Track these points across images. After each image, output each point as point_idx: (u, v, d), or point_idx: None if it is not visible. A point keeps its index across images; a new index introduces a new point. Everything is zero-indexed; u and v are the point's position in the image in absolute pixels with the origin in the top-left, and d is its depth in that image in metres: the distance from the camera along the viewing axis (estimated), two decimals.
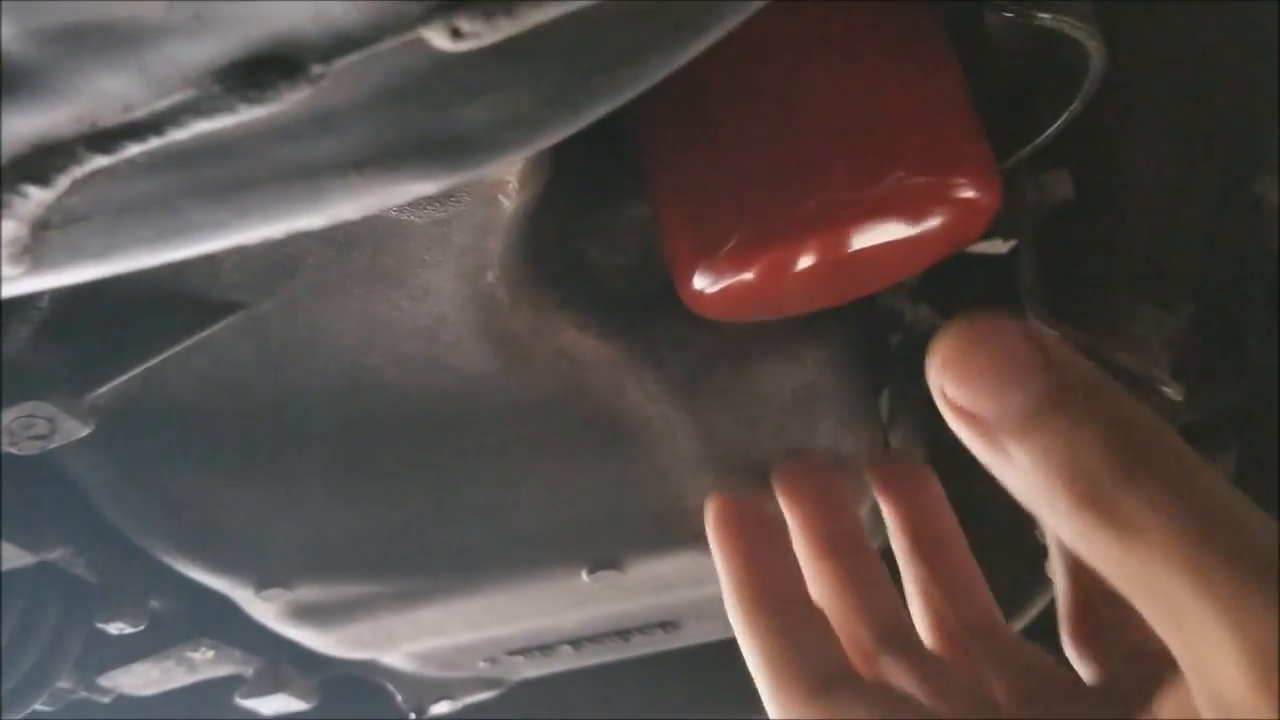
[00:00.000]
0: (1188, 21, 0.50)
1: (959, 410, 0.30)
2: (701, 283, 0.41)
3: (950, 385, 0.30)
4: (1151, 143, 0.52)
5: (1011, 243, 0.54)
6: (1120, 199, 0.52)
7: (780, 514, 0.45)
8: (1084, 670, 0.40)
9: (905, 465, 0.46)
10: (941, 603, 0.43)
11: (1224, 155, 0.52)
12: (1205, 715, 0.29)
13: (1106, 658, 0.39)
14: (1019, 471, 0.29)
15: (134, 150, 0.23)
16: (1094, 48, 0.38)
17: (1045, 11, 0.37)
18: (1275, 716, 0.27)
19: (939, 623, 0.43)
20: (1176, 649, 0.29)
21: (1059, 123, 0.43)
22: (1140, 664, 0.33)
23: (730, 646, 0.75)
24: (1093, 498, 0.28)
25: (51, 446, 0.42)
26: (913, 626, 0.42)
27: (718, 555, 0.42)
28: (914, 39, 0.39)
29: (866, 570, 0.43)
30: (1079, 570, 0.40)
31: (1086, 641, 0.40)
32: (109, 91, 0.22)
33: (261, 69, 0.21)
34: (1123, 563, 0.28)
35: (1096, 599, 0.40)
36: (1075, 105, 0.42)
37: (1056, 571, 0.41)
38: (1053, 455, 0.28)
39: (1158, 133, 0.52)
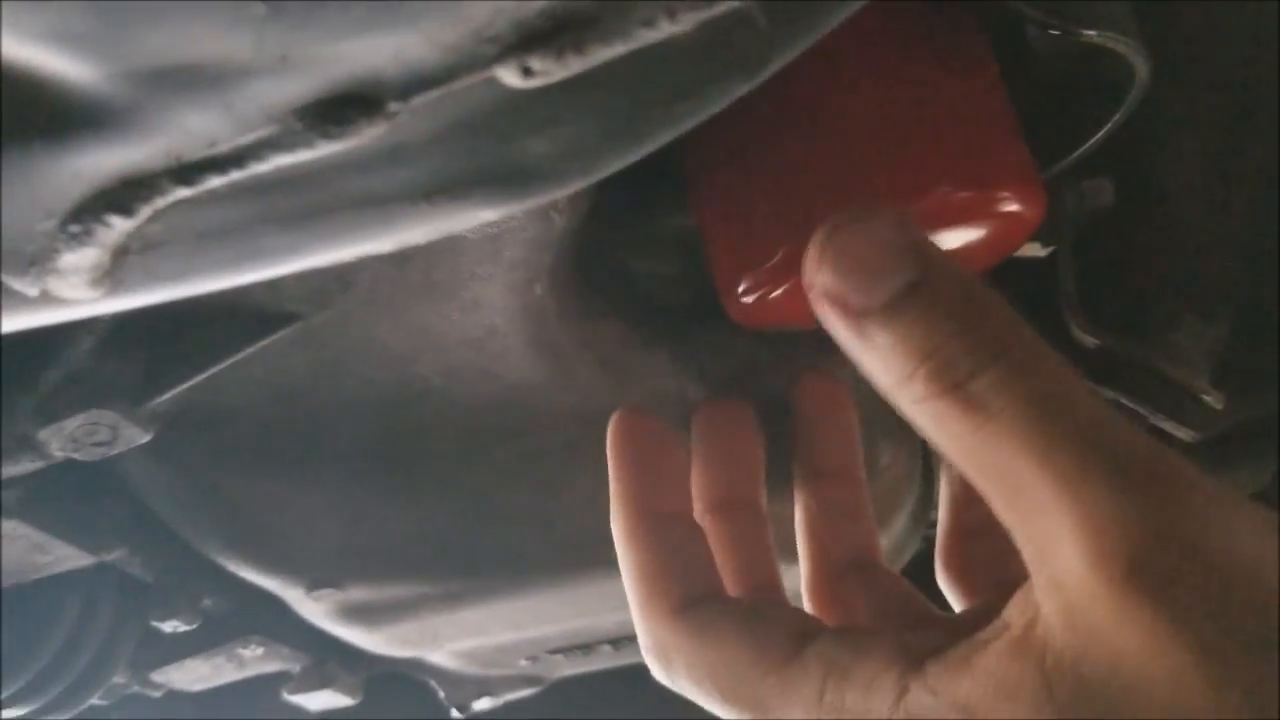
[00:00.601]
0: (1227, 27, 0.50)
1: (829, 297, 0.31)
2: (746, 294, 0.41)
3: (824, 274, 0.31)
4: (1191, 150, 0.52)
5: (1050, 248, 0.54)
6: (1161, 207, 0.52)
7: (683, 440, 0.44)
8: (955, 602, 0.41)
9: (829, 387, 0.45)
10: (824, 532, 0.43)
11: (1263, 162, 0.52)
12: (1044, 603, 0.30)
13: (975, 590, 0.40)
14: (879, 353, 0.31)
15: (215, 182, 0.24)
16: (1139, 62, 0.38)
17: (1090, 28, 0.37)
18: (1110, 595, 0.28)
19: (817, 551, 0.43)
20: (1018, 533, 0.30)
21: (1102, 133, 0.43)
22: (1006, 596, 0.34)
23: None
24: (948, 379, 0.29)
25: (113, 453, 0.43)
26: (782, 589, 0.42)
27: (611, 465, 0.41)
28: (957, 53, 0.40)
29: (752, 530, 0.42)
30: (959, 502, 0.42)
31: (957, 572, 0.41)
32: (194, 128, 0.23)
33: (342, 107, 0.22)
34: (971, 443, 0.30)
35: (971, 532, 0.41)
36: (1119, 116, 0.42)
37: (940, 503, 0.42)
38: (913, 339, 0.30)
39: (1197, 140, 0.52)
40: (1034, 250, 0.56)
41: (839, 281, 0.31)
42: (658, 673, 0.38)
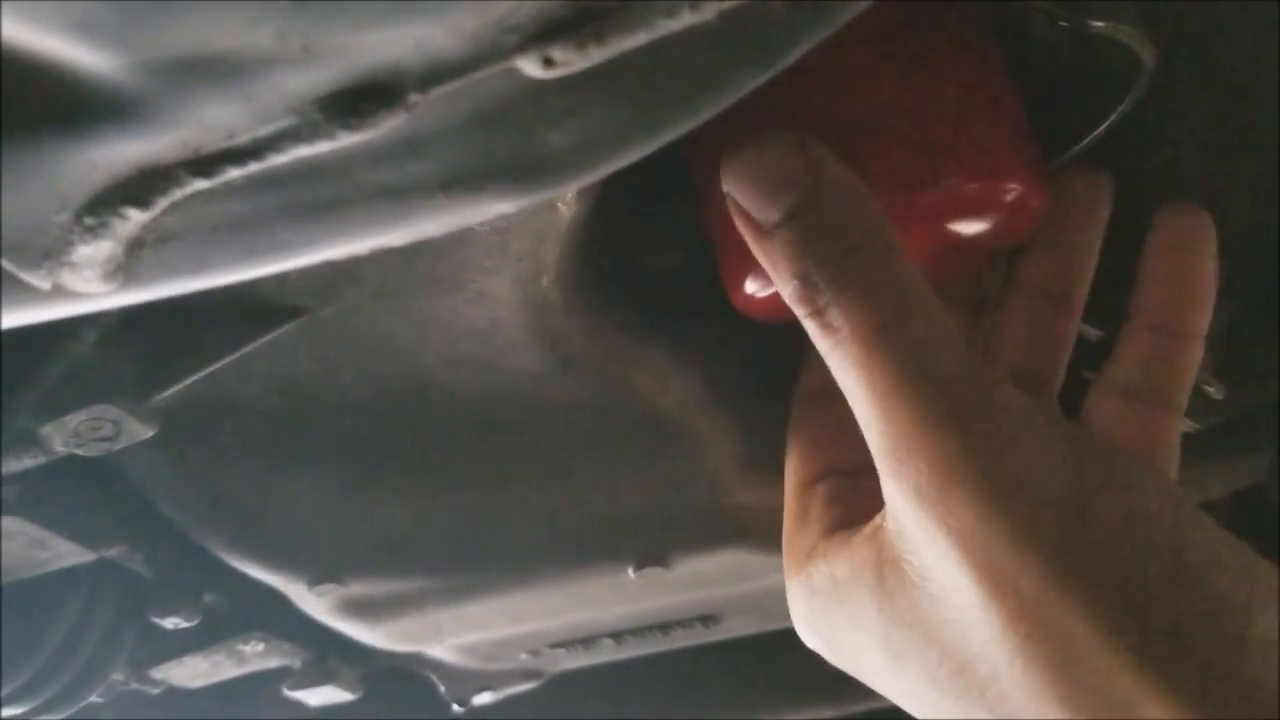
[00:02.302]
0: (1228, 20, 0.50)
1: (735, 211, 0.35)
2: (753, 286, 0.41)
3: (730, 188, 0.35)
4: (1192, 141, 0.52)
5: None
6: (1161, 198, 0.52)
7: None
8: None
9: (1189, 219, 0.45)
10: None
11: (1264, 152, 0.52)
12: (886, 503, 0.34)
13: None
14: (770, 266, 0.35)
15: (233, 174, 0.24)
16: (1146, 53, 0.38)
17: (1097, 19, 0.37)
18: (911, 513, 0.32)
19: None
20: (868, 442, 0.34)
21: (1107, 124, 0.43)
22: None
23: (764, 641, 0.75)
24: (810, 301, 0.33)
25: (116, 448, 0.43)
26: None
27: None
28: (963, 45, 0.40)
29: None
30: None
31: None
32: (214, 119, 0.22)
33: (362, 98, 0.22)
34: (830, 360, 0.34)
35: None
36: (1124, 107, 0.42)
37: None
38: (789, 259, 0.34)
39: (1198, 130, 0.52)
40: None
41: (739, 198, 0.35)
42: None
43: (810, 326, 0.34)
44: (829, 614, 0.37)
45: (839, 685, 0.80)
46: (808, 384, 0.45)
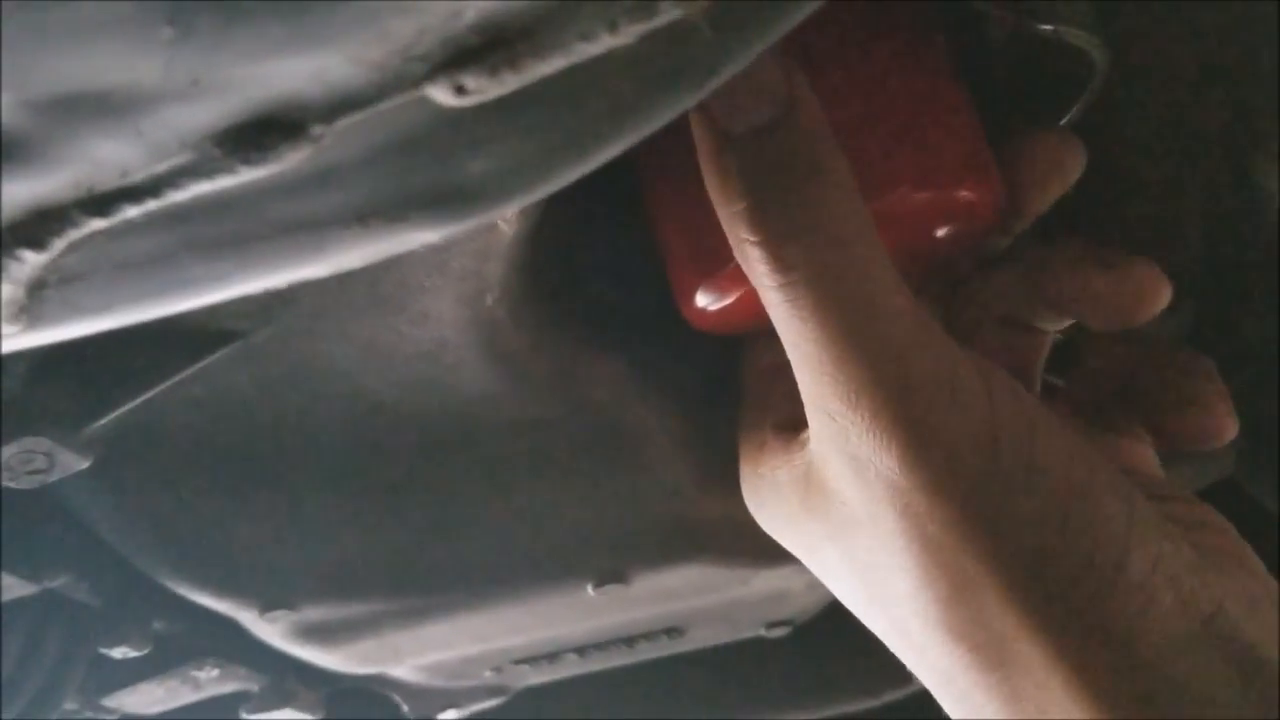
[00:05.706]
0: (1186, 15, 0.49)
1: (700, 119, 0.33)
2: (704, 300, 0.40)
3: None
4: (1151, 136, 0.51)
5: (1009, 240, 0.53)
6: (1120, 194, 0.52)
7: None
8: None
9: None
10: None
11: (1224, 144, 0.52)
12: (813, 441, 0.35)
13: None
14: (722, 176, 0.32)
15: (131, 213, 0.22)
16: (1098, 55, 0.38)
17: (1045, 22, 0.37)
18: (851, 459, 0.33)
19: None
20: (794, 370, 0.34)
21: (1061, 124, 0.42)
22: None
23: (732, 650, 0.75)
24: (766, 228, 0.32)
25: (50, 480, 0.42)
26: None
27: None
28: (914, 51, 0.39)
29: None
30: None
31: None
32: (105, 157, 0.21)
33: (261, 131, 0.21)
34: (770, 294, 0.32)
35: None
36: (1077, 109, 0.41)
37: None
38: (750, 177, 0.32)
39: (1157, 126, 0.51)
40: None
41: (711, 103, 0.32)
42: None
43: (754, 253, 0.32)
44: (776, 509, 0.39)
45: (817, 689, 0.80)
46: None
